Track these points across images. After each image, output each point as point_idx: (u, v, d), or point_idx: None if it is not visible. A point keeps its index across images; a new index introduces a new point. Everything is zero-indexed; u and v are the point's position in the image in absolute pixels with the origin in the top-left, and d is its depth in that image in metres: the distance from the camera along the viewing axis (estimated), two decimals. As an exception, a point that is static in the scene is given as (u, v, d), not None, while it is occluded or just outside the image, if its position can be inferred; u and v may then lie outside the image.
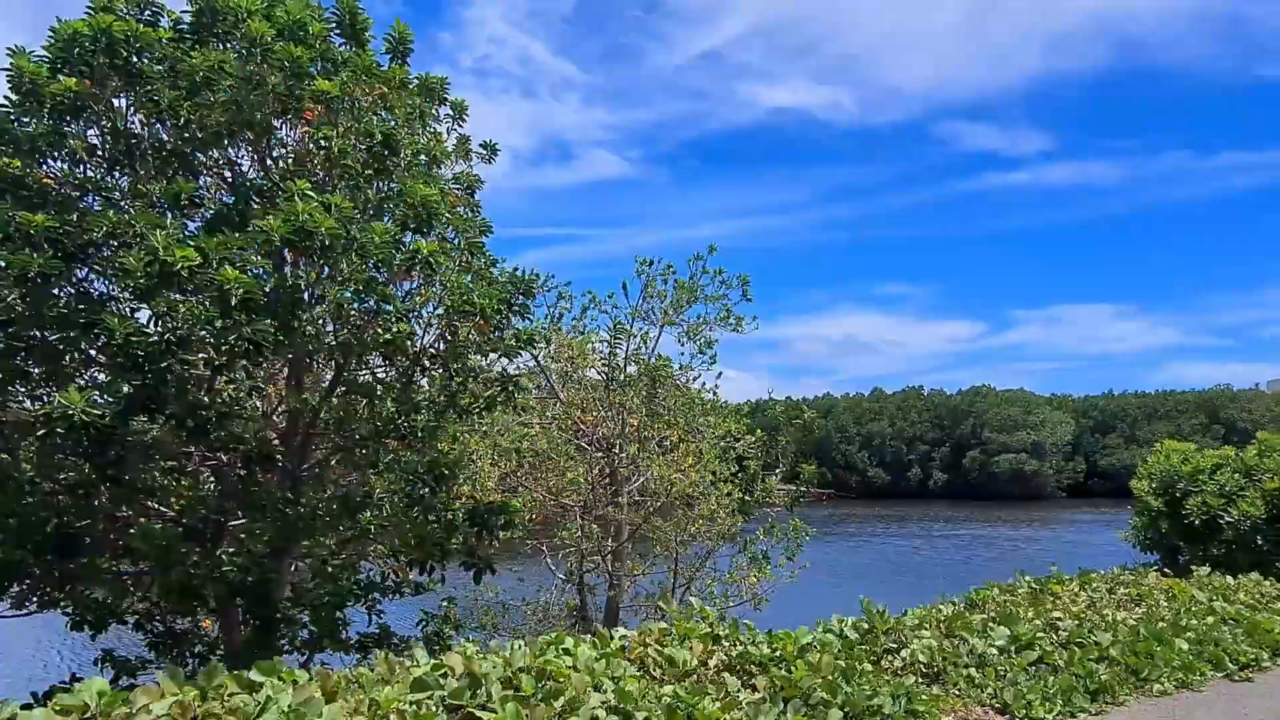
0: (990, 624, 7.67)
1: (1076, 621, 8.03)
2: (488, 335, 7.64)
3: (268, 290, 6.11)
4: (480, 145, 10.62)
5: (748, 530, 13.26)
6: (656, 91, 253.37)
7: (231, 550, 8.13)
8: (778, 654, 6.21)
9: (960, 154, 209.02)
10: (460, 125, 10.57)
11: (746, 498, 11.83)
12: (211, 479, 7.67)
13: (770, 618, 10.92)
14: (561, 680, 4.88)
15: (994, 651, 7.22)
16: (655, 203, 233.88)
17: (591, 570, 13.03)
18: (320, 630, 7.61)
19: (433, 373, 8.05)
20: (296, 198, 6.06)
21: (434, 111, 9.78)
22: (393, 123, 7.71)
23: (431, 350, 7.92)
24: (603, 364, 11.48)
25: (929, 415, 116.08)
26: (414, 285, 7.38)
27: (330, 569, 7.84)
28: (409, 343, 7.59)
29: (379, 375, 8.11)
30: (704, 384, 13.33)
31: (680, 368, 13.00)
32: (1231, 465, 12.45)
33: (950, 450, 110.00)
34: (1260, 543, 11.69)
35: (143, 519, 6.86)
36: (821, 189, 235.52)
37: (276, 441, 7.11)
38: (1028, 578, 11.11)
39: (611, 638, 6.08)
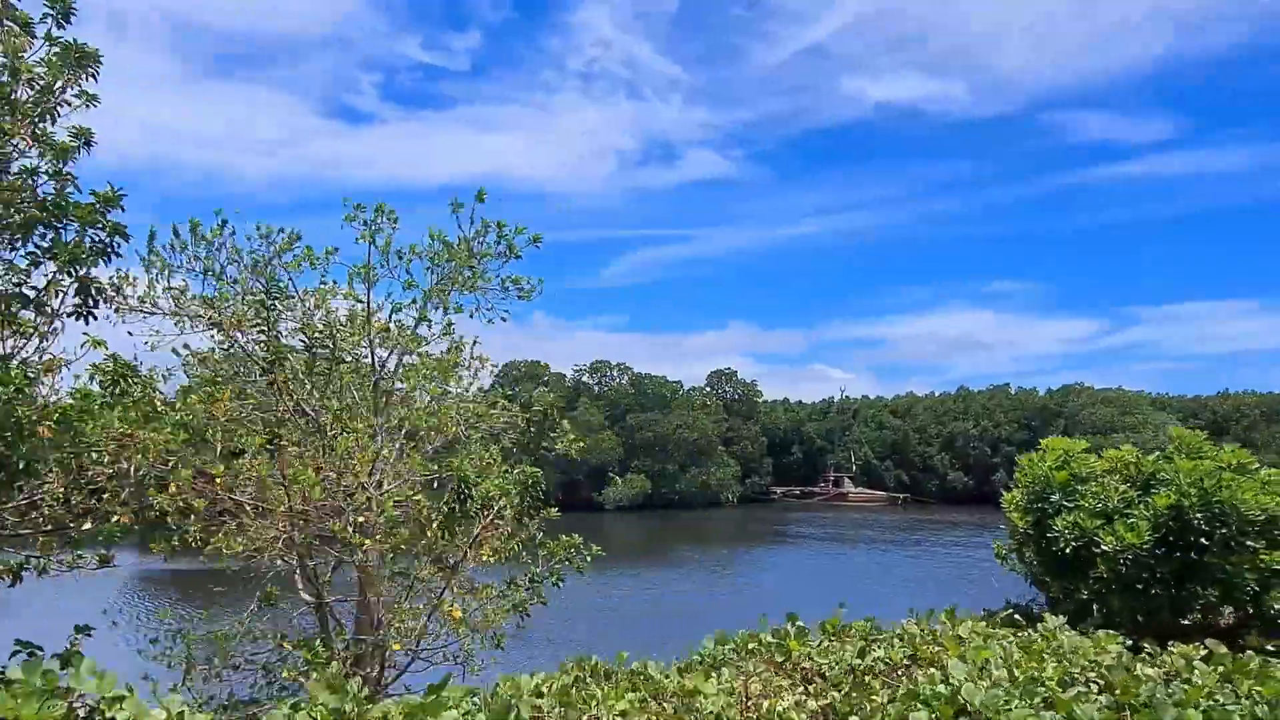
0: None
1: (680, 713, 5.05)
2: None
3: None
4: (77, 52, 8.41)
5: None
6: (759, 89, 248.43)
7: None
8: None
9: (1075, 144, 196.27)
10: (62, 28, 8.47)
11: (455, 509, 9.11)
12: None
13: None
14: None
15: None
16: (758, 201, 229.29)
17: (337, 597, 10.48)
18: None
19: None
20: None
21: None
22: None
23: None
24: (259, 330, 9.01)
25: (1016, 415, 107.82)
26: None
27: None
28: None
29: None
30: (455, 355, 10.73)
31: (410, 334, 10.42)
32: (1123, 472, 8.92)
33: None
34: (1147, 583, 8.19)
35: None
36: (928, 184, 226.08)
37: None
38: (797, 624, 8.11)
39: None
